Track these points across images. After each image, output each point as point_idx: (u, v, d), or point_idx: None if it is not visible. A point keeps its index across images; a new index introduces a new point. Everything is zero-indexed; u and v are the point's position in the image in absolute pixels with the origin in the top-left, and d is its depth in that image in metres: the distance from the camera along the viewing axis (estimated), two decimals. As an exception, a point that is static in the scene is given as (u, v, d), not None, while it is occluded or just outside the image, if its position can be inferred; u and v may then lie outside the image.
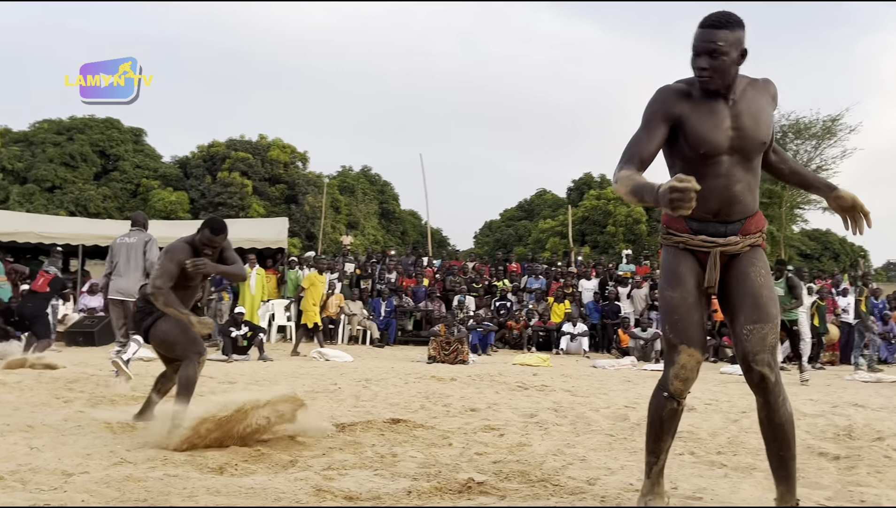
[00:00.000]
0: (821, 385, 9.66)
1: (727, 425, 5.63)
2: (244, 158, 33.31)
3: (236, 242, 14.80)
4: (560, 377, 9.84)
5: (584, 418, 5.80)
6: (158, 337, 4.93)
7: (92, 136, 33.10)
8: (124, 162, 33.51)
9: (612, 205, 33.55)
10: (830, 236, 39.93)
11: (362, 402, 6.54)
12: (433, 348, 11.89)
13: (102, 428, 4.73)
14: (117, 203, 32.38)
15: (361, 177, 41.24)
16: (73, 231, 15.39)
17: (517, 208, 43.56)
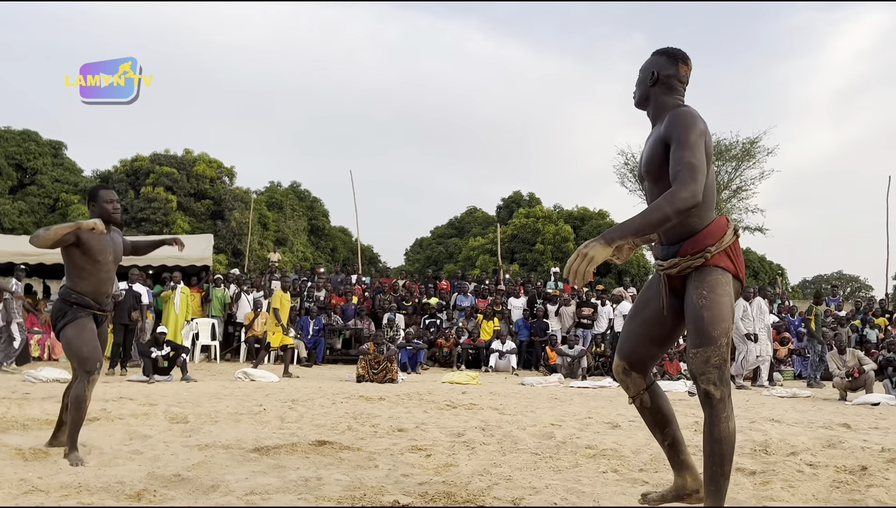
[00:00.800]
0: (741, 401, 9.95)
1: (650, 442, 5.73)
2: (169, 173, 32.58)
3: (160, 259, 14.51)
4: (489, 395, 9.88)
5: (511, 437, 5.84)
6: (63, 342, 4.76)
7: (8, 148, 31.90)
8: (42, 176, 32.39)
9: (540, 223, 34.00)
10: (750, 254, 41.25)
11: (287, 424, 6.44)
12: (362, 366, 11.78)
13: (13, 455, 4.54)
14: (34, 218, 31.22)
15: (290, 193, 40.80)
16: (-15, 248, 14.77)
17: (447, 225, 43.73)
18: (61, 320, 4.75)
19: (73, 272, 4.81)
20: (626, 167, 35.75)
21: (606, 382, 12.45)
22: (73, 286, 4.79)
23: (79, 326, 4.71)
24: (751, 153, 33.43)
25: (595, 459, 4.92)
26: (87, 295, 4.78)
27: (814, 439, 5.92)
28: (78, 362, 4.68)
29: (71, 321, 4.72)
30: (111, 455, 4.56)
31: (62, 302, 4.79)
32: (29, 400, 7.59)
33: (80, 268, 4.78)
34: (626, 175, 35.93)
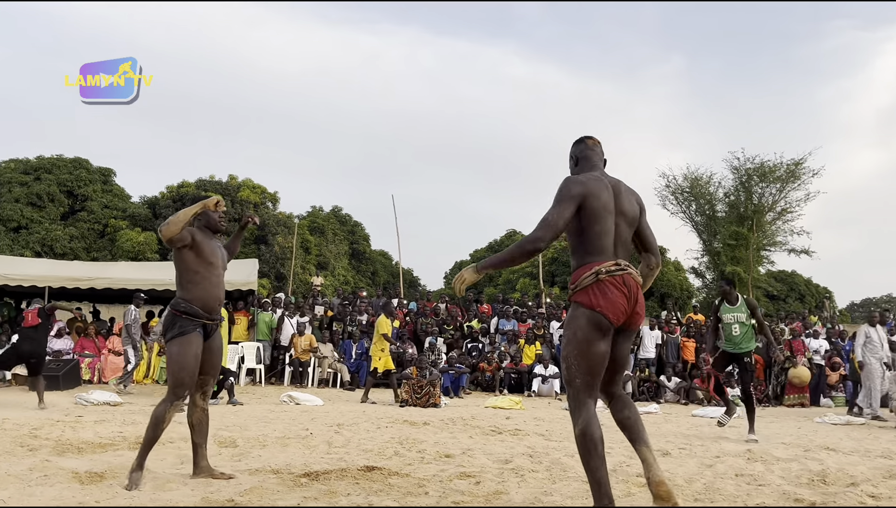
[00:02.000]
0: (792, 428, 9.73)
1: (702, 470, 5.63)
2: (214, 199, 33.17)
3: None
4: (533, 420, 9.81)
5: (560, 463, 5.78)
6: (167, 355, 4.80)
7: (59, 176, 32.74)
8: (92, 202, 33.14)
9: (581, 246, 33.79)
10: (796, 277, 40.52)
11: (335, 448, 6.46)
12: (405, 391, 11.79)
13: (70, 478, 4.61)
14: (84, 243, 31.92)
15: (332, 217, 41.19)
16: (38, 273, 15.13)
17: (487, 248, 43.66)
18: (170, 330, 4.72)
19: (185, 278, 4.79)
20: (667, 190, 35.46)
21: (652, 408, 12.28)
22: (184, 295, 4.76)
23: (184, 344, 4.67)
24: (795, 175, 32.90)
25: (647, 489, 4.83)
26: (197, 303, 4.74)
27: (873, 469, 5.76)
28: (171, 382, 4.71)
29: (179, 334, 4.69)
30: (164, 480, 4.61)
31: (172, 312, 4.77)
32: (82, 423, 7.73)
33: (193, 272, 4.77)
34: (667, 197, 35.61)
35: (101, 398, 10.39)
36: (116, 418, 8.51)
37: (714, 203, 34.98)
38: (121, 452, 5.85)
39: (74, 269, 17.18)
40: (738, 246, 32.96)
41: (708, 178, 34.81)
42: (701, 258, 35.74)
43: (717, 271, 34.09)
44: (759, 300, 31.30)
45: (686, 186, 35.08)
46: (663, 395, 14.63)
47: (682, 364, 15.65)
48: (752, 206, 33.70)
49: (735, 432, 8.92)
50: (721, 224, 34.24)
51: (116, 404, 10.31)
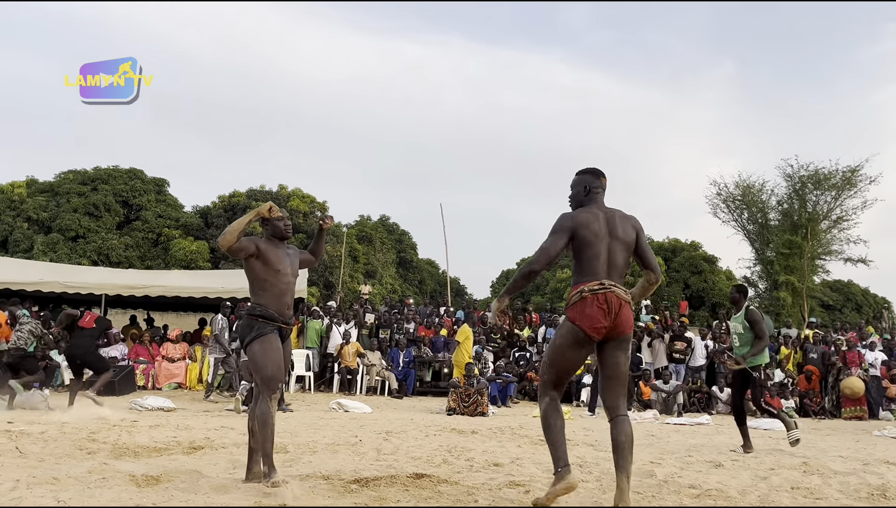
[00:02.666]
0: (849, 441, 9.50)
1: (756, 482, 5.53)
2: (264, 208, 33.67)
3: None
4: (582, 430, 9.73)
5: (610, 474, 5.71)
6: (249, 357, 4.87)
7: (115, 186, 33.54)
8: (147, 212, 33.88)
9: (630, 255, 33.49)
10: (853, 286, 39.58)
11: (384, 455, 6.50)
12: (452, 399, 11.81)
13: (127, 481, 4.72)
14: (139, 252, 32.64)
15: (379, 226, 41.47)
16: (96, 281, 15.53)
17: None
18: (249, 334, 4.84)
19: (256, 286, 4.94)
20: (718, 197, 34.94)
21: (704, 419, 12.09)
22: (258, 300, 4.91)
23: (265, 342, 4.81)
24: (851, 182, 32.14)
25: (700, 500, 4.77)
26: (270, 308, 4.89)
27: (935, 483, 5.58)
28: (261, 380, 4.79)
29: (258, 336, 4.82)
30: (218, 484, 4.69)
31: (248, 317, 4.90)
32: (137, 428, 7.91)
33: (262, 280, 4.91)
34: (718, 205, 35.08)
35: (156, 404, 10.62)
36: (170, 423, 8.68)
37: (767, 211, 34.36)
38: (175, 456, 5.97)
39: (129, 277, 17.60)
40: (791, 255, 32.31)
41: (760, 185, 34.23)
42: (753, 267, 35.14)
43: (770, 281, 33.46)
44: (815, 311, 30.64)
45: (738, 194, 34.53)
46: (715, 406, 14.39)
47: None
48: (807, 214, 33.02)
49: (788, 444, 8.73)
50: (774, 233, 33.61)
51: (170, 409, 10.52)
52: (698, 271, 32.73)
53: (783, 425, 8.06)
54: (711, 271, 32.96)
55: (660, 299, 25.44)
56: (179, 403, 11.45)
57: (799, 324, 22.78)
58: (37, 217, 31.97)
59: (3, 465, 5.20)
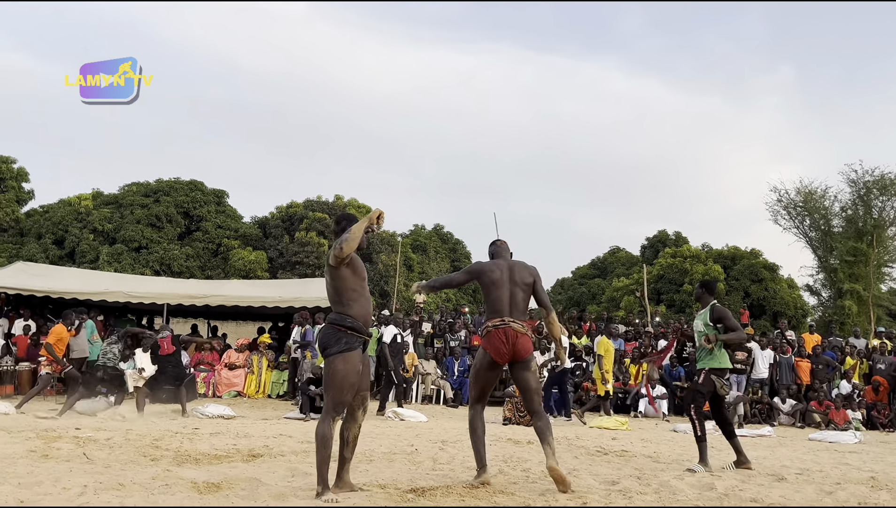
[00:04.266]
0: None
1: (821, 497, 5.38)
2: (321, 219, 34.04)
3: (312, 300, 15.12)
4: (640, 441, 9.59)
5: (669, 486, 5.63)
6: (329, 371, 4.80)
7: (177, 198, 34.39)
8: (207, 222, 34.63)
9: (688, 263, 32.92)
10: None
11: (440, 465, 6.51)
12: (508, 409, 11.77)
13: (189, 488, 4.82)
14: (199, 262, 33.35)
15: (433, 235, 41.63)
16: (158, 290, 15.92)
17: (590, 265, 43.13)
18: (334, 346, 4.76)
19: (344, 296, 4.86)
20: (779, 204, 34.17)
21: (766, 430, 11.80)
22: (347, 311, 4.83)
23: (349, 361, 4.75)
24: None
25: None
26: (359, 319, 4.84)
27: None
28: (333, 401, 4.75)
29: (345, 351, 4.75)
30: (277, 492, 4.76)
31: (335, 328, 4.81)
32: (199, 435, 8.07)
33: (351, 290, 4.86)
34: (779, 212, 34.34)
35: (216, 412, 10.82)
36: (231, 430, 8.83)
37: (830, 218, 33.49)
38: (235, 464, 6.07)
39: (190, 287, 18.00)
40: (856, 263, 31.40)
41: (823, 191, 33.40)
42: (816, 275, 34.25)
43: (834, 290, 32.56)
44: (881, 320, 29.65)
45: (799, 200, 33.75)
46: (776, 417, 14.04)
47: (798, 387, 14.98)
48: (872, 220, 32.07)
49: (857, 458, 8.47)
50: (838, 240, 32.72)
51: (230, 417, 10.71)
52: (759, 279, 31.94)
53: (698, 451, 6.89)
54: (772, 279, 32.13)
55: (719, 307, 24.93)
56: (239, 411, 11.64)
57: (865, 334, 22.09)
58: (102, 229, 32.95)
59: (72, 471, 5.36)
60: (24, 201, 34.90)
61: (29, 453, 6.19)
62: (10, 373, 12.94)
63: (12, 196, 33.94)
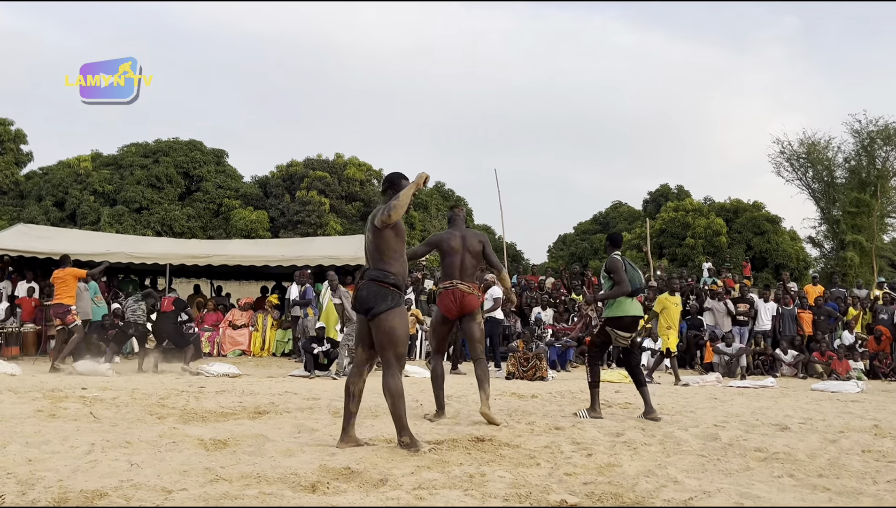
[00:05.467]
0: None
1: (825, 445, 5.40)
2: (321, 177, 33.88)
3: (315, 259, 15.10)
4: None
5: (673, 437, 5.66)
6: (386, 328, 4.82)
7: (176, 158, 34.16)
8: (207, 183, 34.45)
9: (690, 217, 32.83)
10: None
11: (444, 419, 6.55)
12: (511, 364, 11.82)
13: (196, 445, 4.85)
14: (201, 223, 33.28)
15: (435, 193, 41.45)
16: (160, 251, 15.89)
17: (592, 221, 42.99)
18: (383, 303, 4.81)
19: (387, 255, 4.91)
20: (781, 156, 33.94)
21: (768, 381, 11.85)
22: (390, 269, 4.89)
23: (402, 316, 4.89)
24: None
25: (767, 463, 4.68)
26: (399, 277, 4.93)
27: None
28: (396, 355, 4.86)
29: (395, 307, 4.84)
30: (284, 448, 4.78)
31: (382, 285, 4.85)
32: (204, 394, 8.11)
33: (393, 250, 4.92)
34: (781, 164, 34.12)
35: (221, 371, 10.87)
36: (236, 388, 8.88)
37: (833, 169, 33.30)
38: (241, 421, 6.10)
39: (193, 247, 17.97)
40: (859, 214, 31.31)
41: (826, 143, 33.16)
42: (818, 227, 34.18)
43: (836, 241, 32.51)
44: (884, 271, 29.63)
45: (802, 152, 33.53)
46: (779, 369, 14.10)
47: (801, 338, 15.02)
48: (876, 171, 31.90)
49: (859, 407, 8.52)
50: (841, 191, 32.58)
51: (235, 375, 10.76)
52: (761, 231, 31.87)
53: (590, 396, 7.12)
54: (775, 231, 32.05)
55: (722, 261, 24.91)
56: (244, 369, 11.70)
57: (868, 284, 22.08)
58: (102, 190, 32.83)
59: (79, 429, 5.39)
60: (22, 163, 34.73)
61: (36, 413, 6.22)
62: (15, 335, 12.99)
63: (11, 158, 33.76)
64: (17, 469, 3.98)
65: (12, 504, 3.22)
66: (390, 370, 4.86)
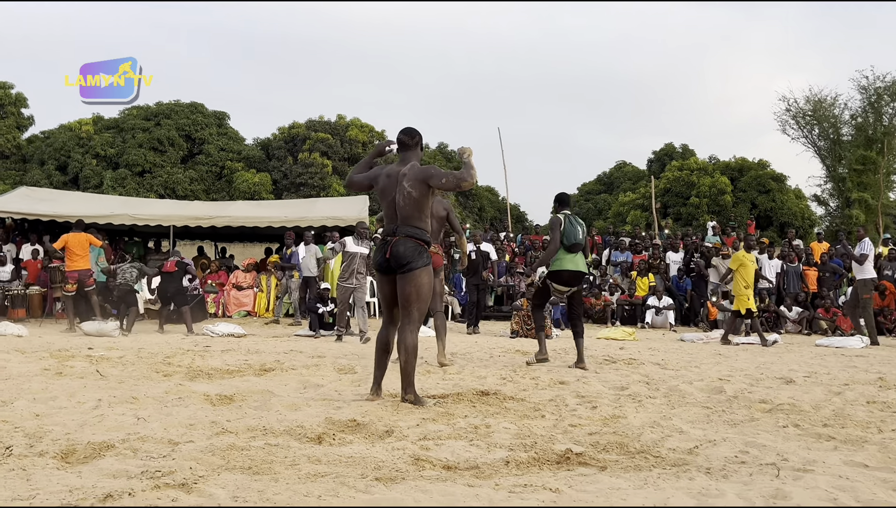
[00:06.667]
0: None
1: (830, 397, 5.41)
2: (324, 139, 33.75)
3: (319, 220, 15.07)
4: (648, 350, 9.67)
5: (678, 390, 5.68)
6: (416, 284, 4.85)
7: (178, 120, 34.03)
8: (209, 145, 34.34)
9: (695, 176, 32.68)
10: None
11: (450, 375, 6.56)
12: (515, 322, 11.85)
13: (202, 400, 4.87)
14: (203, 185, 33.24)
15: (438, 154, 41.27)
16: (163, 213, 15.86)
17: (596, 181, 42.85)
18: (419, 260, 4.85)
19: (423, 215, 4.96)
20: (787, 114, 33.63)
21: (772, 337, 11.86)
22: (426, 227, 4.97)
23: (430, 274, 4.98)
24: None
25: (772, 414, 4.69)
26: (430, 236, 5.07)
27: None
28: (420, 311, 4.92)
29: (428, 264, 4.92)
30: (290, 402, 4.80)
31: (417, 242, 4.88)
32: (210, 352, 8.15)
33: (426, 212, 5.00)
34: (787, 122, 33.83)
35: (226, 330, 10.91)
36: (241, 347, 8.91)
37: (839, 126, 33.03)
38: (247, 378, 6.12)
39: (196, 208, 17.94)
40: (865, 171, 31.13)
41: (832, 100, 32.84)
42: (824, 185, 34.00)
43: (842, 199, 32.36)
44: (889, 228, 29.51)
45: (808, 109, 33.23)
46: (783, 325, 14.12)
47: (805, 295, 15.01)
48: (882, 128, 31.63)
49: (864, 361, 8.53)
50: (847, 148, 32.35)
51: (241, 335, 10.80)
52: (766, 190, 31.77)
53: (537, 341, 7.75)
54: (780, 189, 31.95)
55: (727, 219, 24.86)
56: (249, 329, 11.74)
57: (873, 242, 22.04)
58: (104, 154, 32.74)
59: (86, 386, 5.41)
60: (24, 126, 34.61)
61: (43, 371, 6.25)
62: (21, 297, 13.02)
63: (12, 122, 33.64)
64: (25, 423, 4.00)
65: (20, 455, 3.24)
66: (411, 325, 4.89)
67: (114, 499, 2.62)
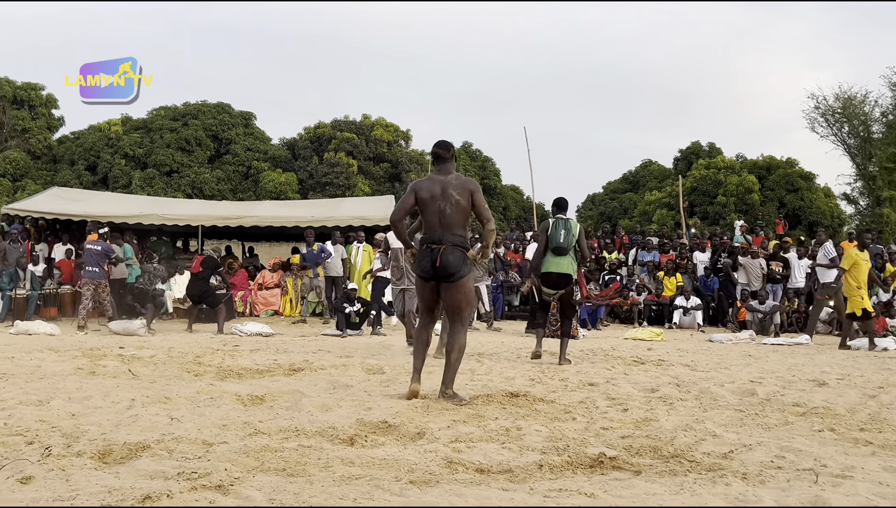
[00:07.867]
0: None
1: (865, 400, 5.34)
2: (349, 139, 33.81)
3: (344, 220, 15.15)
4: (676, 351, 9.60)
5: (709, 393, 5.63)
6: (464, 291, 5.15)
7: (205, 121, 34.25)
8: (236, 145, 34.53)
9: (722, 174, 32.33)
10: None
11: (478, 376, 6.56)
12: (543, 322, 11.79)
13: (234, 400, 4.90)
14: (230, 185, 33.44)
15: (462, 153, 41.17)
16: (192, 213, 16.02)
17: (621, 179, 42.49)
18: (465, 268, 5.12)
19: (465, 224, 5.23)
20: (816, 111, 33.18)
21: (803, 339, 11.73)
22: (466, 236, 5.20)
23: (475, 281, 5.16)
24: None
25: (806, 417, 4.63)
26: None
27: None
28: (469, 313, 5.34)
29: (471, 272, 5.24)
30: (320, 403, 4.82)
31: (463, 251, 5.13)
32: (239, 352, 8.21)
33: (468, 221, 5.25)
34: (816, 120, 33.35)
35: (255, 330, 10.99)
36: (270, 347, 8.97)
37: (869, 124, 32.51)
38: (277, 378, 6.16)
39: (223, 209, 18.10)
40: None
41: (863, 97, 32.33)
42: (854, 183, 33.49)
43: (872, 198, 31.88)
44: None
45: (837, 106, 32.74)
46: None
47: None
48: (914, 125, 31.13)
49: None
50: (877, 146, 31.84)
51: (268, 335, 10.87)
52: (795, 188, 31.35)
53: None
54: (809, 188, 31.52)
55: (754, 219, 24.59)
56: (277, 329, 11.82)
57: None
58: (133, 154, 33.05)
59: (119, 386, 5.48)
60: (54, 127, 35.03)
61: (77, 370, 6.33)
62: (53, 296, 13.21)
63: (43, 123, 34.07)
64: (62, 422, 4.05)
65: (59, 455, 3.28)
66: (464, 327, 5.26)
67: (153, 500, 2.65)
